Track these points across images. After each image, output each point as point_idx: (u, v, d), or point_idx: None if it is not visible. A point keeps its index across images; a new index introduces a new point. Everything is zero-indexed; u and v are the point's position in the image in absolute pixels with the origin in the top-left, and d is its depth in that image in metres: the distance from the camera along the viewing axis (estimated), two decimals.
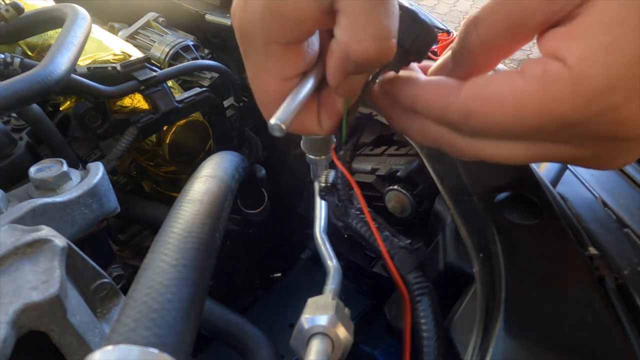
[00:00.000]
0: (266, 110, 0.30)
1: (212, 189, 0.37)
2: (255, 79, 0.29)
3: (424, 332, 0.30)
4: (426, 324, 0.30)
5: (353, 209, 0.35)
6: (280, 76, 0.28)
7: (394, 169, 0.48)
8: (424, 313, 0.30)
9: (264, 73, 0.28)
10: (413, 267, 0.31)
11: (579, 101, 0.22)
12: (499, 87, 0.24)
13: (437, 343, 0.29)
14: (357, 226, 0.35)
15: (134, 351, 0.22)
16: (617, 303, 0.28)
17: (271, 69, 0.27)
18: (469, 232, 0.34)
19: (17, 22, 0.66)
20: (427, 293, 0.31)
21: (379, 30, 0.24)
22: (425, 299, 0.30)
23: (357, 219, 0.35)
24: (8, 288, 0.32)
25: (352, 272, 0.69)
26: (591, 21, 0.22)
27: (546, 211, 0.34)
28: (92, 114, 0.65)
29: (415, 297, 0.31)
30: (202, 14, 0.85)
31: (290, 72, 0.28)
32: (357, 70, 0.27)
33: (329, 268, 0.42)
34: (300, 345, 0.30)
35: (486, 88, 0.25)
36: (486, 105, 0.24)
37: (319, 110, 0.31)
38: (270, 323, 0.73)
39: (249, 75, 0.29)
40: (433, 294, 0.31)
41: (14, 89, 0.45)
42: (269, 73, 0.28)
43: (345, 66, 0.26)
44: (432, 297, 0.31)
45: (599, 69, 0.21)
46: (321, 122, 0.31)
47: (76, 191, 0.46)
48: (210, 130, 0.79)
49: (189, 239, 0.30)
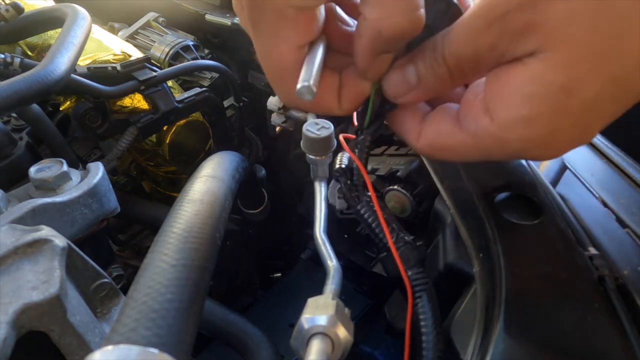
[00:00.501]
0: (283, 82, 0.29)
1: (212, 189, 0.37)
2: (269, 51, 0.28)
3: (423, 328, 0.30)
4: (425, 319, 0.30)
5: (365, 195, 0.35)
6: (295, 43, 0.27)
7: (394, 169, 0.48)
8: (423, 309, 0.31)
9: (279, 41, 0.27)
10: (414, 263, 0.32)
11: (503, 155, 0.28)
12: (445, 140, 0.29)
13: (435, 339, 0.29)
14: (365, 214, 0.35)
15: (134, 351, 0.22)
16: (617, 303, 0.28)
17: (287, 36, 0.27)
18: (469, 232, 0.34)
19: (17, 22, 0.66)
20: (426, 290, 0.31)
21: (407, 1, 0.24)
22: (425, 295, 0.31)
23: (367, 206, 0.35)
24: (8, 288, 0.32)
25: (352, 272, 0.69)
26: (516, 87, 0.25)
27: (546, 211, 0.34)
28: (92, 114, 0.65)
29: (415, 293, 0.31)
30: (202, 14, 0.85)
31: (306, 38, 0.27)
32: (387, 48, 0.27)
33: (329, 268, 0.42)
34: (300, 345, 0.30)
35: (436, 140, 0.29)
36: (440, 152, 0.30)
37: (341, 90, 0.30)
38: (270, 323, 0.73)
39: (260, 51, 0.29)
40: (432, 290, 0.31)
41: (14, 89, 0.45)
42: (285, 41, 0.27)
43: (376, 45, 0.26)
44: (431, 293, 0.31)
45: (516, 138, 0.26)
46: (342, 103, 0.31)
47: (76, 191, 0.46)
48: (210, 130, 0.79)
49: (189, 239, 0.30)
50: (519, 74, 0.24)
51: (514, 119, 0.25)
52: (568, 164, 0.42)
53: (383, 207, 0.34)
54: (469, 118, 0.28)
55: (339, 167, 0.37)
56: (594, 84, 0.23)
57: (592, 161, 0.44)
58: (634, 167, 0.43)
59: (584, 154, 0.45)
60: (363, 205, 0.35)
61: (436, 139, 0.29)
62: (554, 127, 0.25)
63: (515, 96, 0.25)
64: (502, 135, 0.26)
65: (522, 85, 0.24)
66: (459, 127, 0.28)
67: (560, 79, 0.23)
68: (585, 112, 0.25)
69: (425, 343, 0.29)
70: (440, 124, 0.29)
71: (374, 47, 0.27)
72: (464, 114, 0.28)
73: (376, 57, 0.27)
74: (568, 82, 0.23)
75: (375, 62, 0.28)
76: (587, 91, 0.24)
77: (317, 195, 0.48)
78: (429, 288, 0.31)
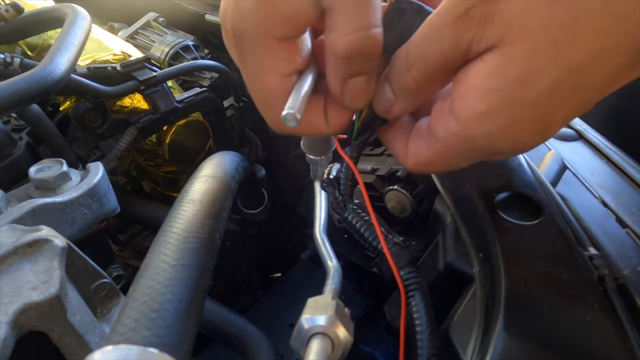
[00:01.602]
0: (270, 109, 0.30)
1: (212, 189, 0.37)
2: (255, 80, 0.29)
3: (418, 327, 0.30)
4: (419, 318, 0.31)
5: (351, 203, 0.36)
6: (280, 72, 0.28)
7: (394, 169, 0.48)
8: (416, 308, 0.31)
9: (264, 71, 0.28)
10: (406, 263, 0.33)
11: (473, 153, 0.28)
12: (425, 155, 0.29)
13: (430, 336, 0.30)
14: (352, 220, 0.36)
15: (133, 351, 0.22)
16: (617, 303, 0.28)
17: (271, 66, 0.28)
18: (469, 232, 0.34)
19: (17, 22, 0.66)
20: (419, 289, 0.32)
21: (359, 21, 0.25)
22: (418, 294, 0.31)
23: (353, 213, 0.36)
24: (8, 288, 0.32)
25: (352, 272, 0.69)
26: (475, 84, 0.25)
27: (546, 211, 0.34)
28: (92, 114, 0.65)
29: (408, 292, 0.32)
30: (202, 14, 0.85)
31: (290, 67, 0.28)
32: (352, 70, 0.27)
33: (329, 268, 0.42)
34: (300, 345, 0.30)
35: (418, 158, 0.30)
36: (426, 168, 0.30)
37: (326, 109, 0.31)
38: (270, 323, 0.73)
39: (247, 78, 0.29)
40: (425, 289, 0.32)
41: (14, 89, 0.45)
42: (270, 70, 0.28)
43: (338, 67, 0.27)
44: (424, 292, 0.32)
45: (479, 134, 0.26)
46: (329, 121, 0.31)
47: (76, 191, 0.46)
48: (210, 130, 0.79)
49: (189, 239, 0.30)
50: (478, 71, 0.25)
51: (473, 115, 0.25)
52: (568, 164, 0.42)
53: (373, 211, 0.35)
54: (439, 125, 0.28)
55: (327, 178, 0.39)
56: (549, 75, 0.23)
57: (592, 161, 0.44)
58: (634, 167, 0.43)
59: (584, 154, 0.45)
60: (350, 213, 0.36)
61: (418, 157, 0.30)
62: (512, 119, 0.25)
63: (474, 93, 0.25)
64: (466, 133, 0.26)
65: (479, 81, 0.25)
66: (433, 138, 0.29)
67: (515, 71, 0.24)
68: (541, 103, 0.25)
69: (420, 341, 0.30)
70: (417, 141, 0.30)
71: (337, 70, 0.27)
72: (435, 123, 0.28)
73: (346, 81, 0.28)
74: (524, 74, 0.24)
75: (348, 87, 0.28)
76: (542, 82, 0.24)
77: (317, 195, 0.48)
78: (421, 287, 0.32)
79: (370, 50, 0.26)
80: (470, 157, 0.29)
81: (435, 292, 0.38)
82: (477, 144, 0.27)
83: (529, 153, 0.41)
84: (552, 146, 0.45)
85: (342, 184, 0.37)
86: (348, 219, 0.36)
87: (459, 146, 0.28)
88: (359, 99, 0.29)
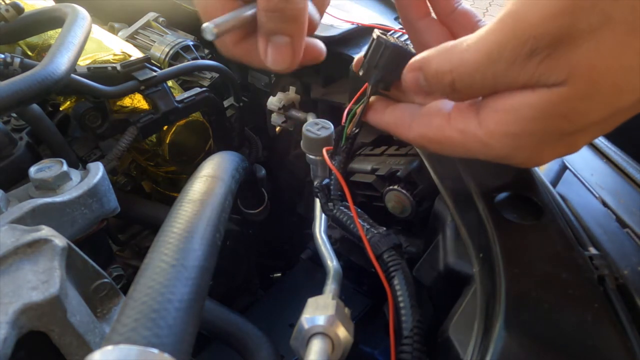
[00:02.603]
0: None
1: (212, 189, 0.37)
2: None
3: (401, 303, 0.32)
4: (402, 295, 0.32)
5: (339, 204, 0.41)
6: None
7: (394, 169, 0.48)
8: (399, 286, 0.33)
9: None
10: (386, 248, 0.35)
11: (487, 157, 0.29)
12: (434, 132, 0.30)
13: (412, 310, 0.32)
14: (339, 217, 0.40)
15: (133, 351, 0.22)
16: (617, 303, 0.28)
17: None
18: (469, 232, 0.34)
19: (17, 22, 0.66)
20: (400, 269, 0.34)
21: None
22: (399, 273, 0.33)
23: (339, 211, 0.40)
24: (8, 288, 0.32)
25: (352, 272, 0.69)
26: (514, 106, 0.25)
27: (546, 211, 0.34)
28: (92, 114, 0.65)
29: (390, 273, 0.34)
30: None
31: None
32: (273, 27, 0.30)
33: (329, 268, 0.42)
34: (300, 345, 0.30)
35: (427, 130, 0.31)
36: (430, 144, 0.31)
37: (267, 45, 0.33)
38: (270, 323, 0.73)
39: None
40: (406, 269, 0.34)
41: (14, 89, 0.45)
42: None
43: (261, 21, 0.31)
44: (405, 272, 0.34)
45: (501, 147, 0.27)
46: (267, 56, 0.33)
47: (76, 191, 0.46)
48: (210, 130, 0.79)
49: (189, 239, 0.30)
50: (524, 98, 0.25)
51: (502, 132, 0.26)
52: (568, 164, 0.42)
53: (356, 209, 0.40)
54: (459, 118, 0.29)
55: (318, 184, 0.43)
56: (595, 115, 0.24)
57: (592, 161, 0.44)
58: (634, 167, 0.43)
59: (584, 154, 0.45)
60: (337, 211, 0.40)
61: (426, 131, 0.31)
62: (540, 145, 0.26)
63: (511, 115, 0.25)
64: (488, 140, 0.27)
65: (521, 108, 0.25)
66: (449, 123, 0.29)
67: (564, 110, 0.24)
68: (575, 135, 0.25)
69: (404, 317, 0.31)
70: (432, 117, 0.31)
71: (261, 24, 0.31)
72: (455, 114, 0.29)
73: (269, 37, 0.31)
74: (571, 113, 0.24)
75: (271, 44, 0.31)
76: (586, 121, 0.24)
77: None
78: (402, 267, 0.34)
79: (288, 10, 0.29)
80: (480, 157, 0.29)
81: (435, 292, 0.38)
82: (495, 152, 0.28)
83: None
84: None
85: (332, 191, 0.41)
86: (336, 217, 0.40)
87: (474, 146, 0.28)
88: (278, 60, 0.31)
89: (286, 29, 0.30)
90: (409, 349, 0.30)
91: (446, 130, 0.29)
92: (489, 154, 0.28)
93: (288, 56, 0.31)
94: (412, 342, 0.30)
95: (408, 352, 0.30)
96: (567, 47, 0.22)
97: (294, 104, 0.70)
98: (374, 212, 0.44)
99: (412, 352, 0.30)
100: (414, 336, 0.30)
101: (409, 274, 0.34)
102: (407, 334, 0.31)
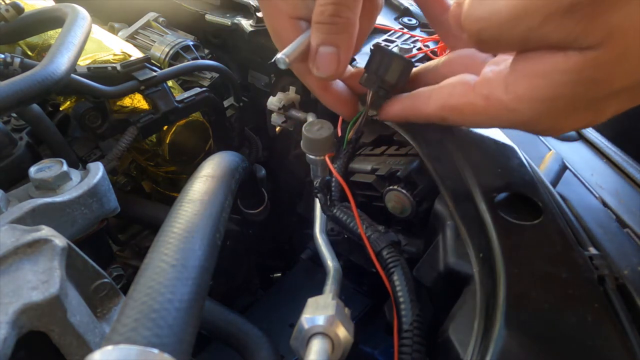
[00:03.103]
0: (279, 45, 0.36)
1: (212, 189, 0.37)
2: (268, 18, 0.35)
3: (400, 298, 0.33)
4: (401, 290, 0.33)
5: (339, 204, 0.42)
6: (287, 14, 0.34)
7: (394, 169, 0.48)
8: (398, 282, 0.33)
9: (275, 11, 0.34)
10: (385, 245, 0.36)
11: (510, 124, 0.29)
12: (456, 99, 0.31)
13: (411, 305, 0.32)
14: (339, 216, 0.41)
15: (133, 351, 0.22)
16: (617, 303, 0.28)
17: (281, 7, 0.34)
18: (469, 232, 0.34)
19: (17, 22, 0.66)
20: (399, 265, 0.34)
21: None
22: (398, 269, 0.34)
23: (339, 210, 0.41)
24: (8, 288, 0.32)
25: (352, 272, 0.69)
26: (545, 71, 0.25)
27: (546, 211, 0.34)
28: (92, 114, 0.65)
29: (389, 270, 0.34)
30: (202, 14, 0.85)
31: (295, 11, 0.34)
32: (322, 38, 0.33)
33: (329, 268, 0.42)
34: (300, 345, 0.30)
35: (448, 98, 0.31)
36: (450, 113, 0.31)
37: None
38: (270, 323, 0.73)
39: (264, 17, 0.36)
40: (405, 265, 0.35)
41: (14, 89, 0.45)
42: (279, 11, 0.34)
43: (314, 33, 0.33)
44: (404, 268, 0.34)
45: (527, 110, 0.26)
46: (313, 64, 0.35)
47: (76, 191, 0.46)
48: (210, 130, 0.79)
49: (189, 239, 0.30)
50: (556, 63, 0.24)
51: (531, 97, 0.26)
52: (568, 164, 0.42)
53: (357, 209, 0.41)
54: (484, 84, 0.29)
55: (318, 185, 0.44)
56: (626, 80, 0.23)
57: (592, 161, 0.44)
58: (634, 167, 0.43)
59: (584, 154, 0.45)
60: (337, 209, 0.41)
61: (447, 99, 0.31)
62: (569, 110, 0.25)
63: (542, 79, 0.25)
64: (514, 106, 0.27)
65: (552, 73, 0.24)
66: (473, 90, 0.29)
67: (597, 75, 0.23)
68: (604, 101, 0.25)
69: (404, 311, 0.32)
70: (455, 86, 0.31)
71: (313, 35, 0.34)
72: (480, 82, 0.29)
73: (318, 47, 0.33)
74: (604, 78, 0.23)
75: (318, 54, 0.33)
76: (616, 85, 0.23)
77: None
78: (401, 263, 0.35)
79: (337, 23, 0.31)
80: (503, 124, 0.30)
81: (435, 292, 0.38)
82: (520, 118, 0.27)
83: (529, 153, 0.41)
84: (552, 146, 0.45)
85: (333, 191, 0.42)
86: (336, 215, 0.41)
87: (499, 112, 0.28)
88: (323, 68, 0.33)
89: (334, 39, 0.32)
90: (408, 342, 0.30)
91: (470, 96, 0.29)
92: (514, 120, 0.28)
93: (333, 64, 0.33)
94: (412, 336, 0.31)
95: (408, 345, 0.30)
96: (609, 7, 0.21)
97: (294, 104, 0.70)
98: (374, 212, 0.44)
99: (412, 345, 0.30)
100: (413, 330, 0.31)
101: (408, 270, 0.35)
102: (407, 327, 0.31)
